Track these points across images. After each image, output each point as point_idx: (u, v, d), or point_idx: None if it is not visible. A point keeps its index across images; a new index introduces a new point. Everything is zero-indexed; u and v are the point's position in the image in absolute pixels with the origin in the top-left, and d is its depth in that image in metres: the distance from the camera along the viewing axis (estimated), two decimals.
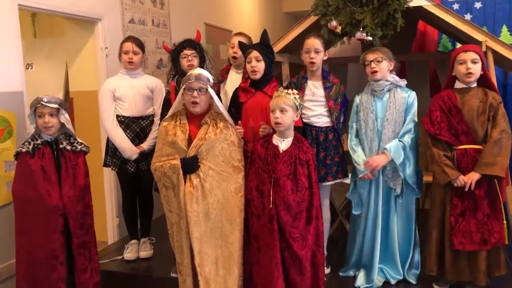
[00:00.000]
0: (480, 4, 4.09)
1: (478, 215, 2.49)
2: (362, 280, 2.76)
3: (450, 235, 2.52)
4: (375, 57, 2.64)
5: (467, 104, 2.51)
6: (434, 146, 2.55)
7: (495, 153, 2.43)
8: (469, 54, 2.47)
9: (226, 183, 2.43)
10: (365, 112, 2.70)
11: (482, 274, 2.49)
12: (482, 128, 2.49)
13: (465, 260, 2.53)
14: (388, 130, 2.66)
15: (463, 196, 2.50)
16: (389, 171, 2.69)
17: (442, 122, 2.55)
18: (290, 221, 2.41)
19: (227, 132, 2.46)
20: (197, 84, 2.40)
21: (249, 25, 6.62)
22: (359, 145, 2.75)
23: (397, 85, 2.71)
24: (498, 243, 2.49)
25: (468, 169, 2.48)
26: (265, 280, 2.42)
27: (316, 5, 3.12)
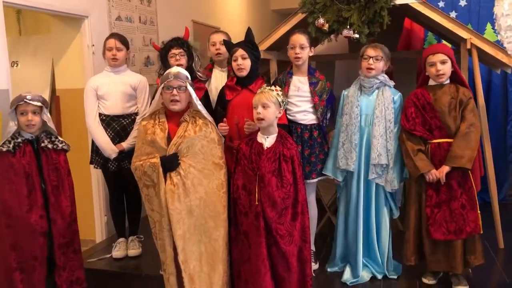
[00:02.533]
0: (464, 2, 4.13)
1: (453, 205, 2.57)
2: (348, 275, 2.81)
3: (427, 226, 2.60)
4: (375, 55, 2.70)
5: (440, 100, 2.61)
6: (409, 141, 2.64)
7: (464, 146, 2.53)
8: (438, 56, 2.57)
9: (208, 180, 2.45)
10: (350, 105, 2.75)
11: (458, 262, 2.58)
12: (454, 123, 2.59)
13: (442, 249, 2.62)
14: (379, 126, 2.71)
15: (437, 187, 2.59)
16: (379, 169, 2.73)
17: (417, 118, 2.64)
18: (276, 217, 2.43)
19: (207, 129, 2.47)
20: (176, 82, 2.41)
21: (237, 23, 6.62)
22: (336, 149, 2.80)
23: (385, 84, 2.75)
24: (473, 232, 2.57)
25: (441, 161, 2.58)
26: (254, 277, 2.44)
27: (304, 3, 3.13)
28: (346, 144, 2.76)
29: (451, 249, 2.59)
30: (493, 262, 2.93)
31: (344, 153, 2.76)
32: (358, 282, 2.77)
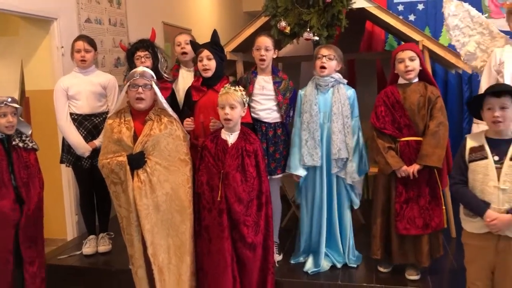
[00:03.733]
0: (422, 5, 4.35)
1: (421, 201, 2.69)
2: (310, 265, 2.94)
3: (395, 221, 2.72)
4: (328, 54, 2.81)
5: (409, 99, 2.70)
6: (379, 139, 2.74)
7: (433, 144, 2.63)
8: (407, 52, 2.67)
9: (174, 176, 2.55)
10: (308, 104, 2.86)
11: (425, 256, 2.71)
12: (423, 121, 2.69)
13: (410, 244, 2.74)
14: (337, 123, 2.83)
15: (407, 184, 2.70)
16: (341, 163, 2.88)
17: (386, 116, 2.73)
18: (244, 210, 2.56)
19: (172, 127, 2.57)
20: (141, 80, 2.50)
21: (209, 24, 6.72)
22: (298, 147, 2.90)
23: (340, 82, 2.90)
24: (438, 227, 2.71)
25: (411, 159, 2.68)
26: (215, 270, 2.57)
27: (266, 7, 3.26)
28: (309, 141, 2.86)
29: (418, 243, 2.71)
30: (445, 250, 3.11)
31: (308, 150, 2.86)
32: (319, 271, 2.91)
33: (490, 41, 2.94)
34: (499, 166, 2.16)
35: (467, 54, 3.01)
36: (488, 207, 2.17)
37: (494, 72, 2.77)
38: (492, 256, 2.23)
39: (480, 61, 2.98)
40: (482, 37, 2.96)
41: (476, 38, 2.97)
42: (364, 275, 2.86)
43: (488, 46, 2.94)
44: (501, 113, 2.15)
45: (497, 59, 2.76)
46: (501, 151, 2.18)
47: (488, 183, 2.17)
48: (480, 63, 2.98)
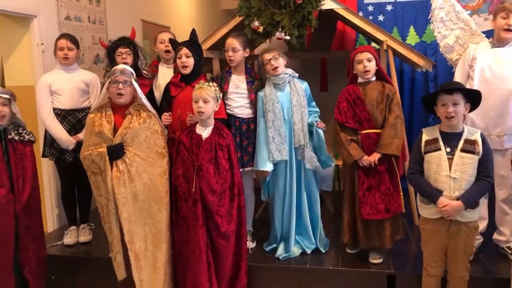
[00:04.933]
0: (391, 6, 4.55)
1: (381, 188, 2.90)
2: (281, 251, 3.12)
3: (360, 208, 2.92)
4: (272, 55, 2.99)
5: (368, 95, 2.91)
6: (342, 132, 2.94)
7: (392, 135, 2.85)
8: (364, 54, 2.88)
9: (152, 167, 2.70)
10: (271, 103, 3.02)
11: (388, 238, 2.92)
12: (381, 115, 2.90)
13: (374, 228, 2.94)
14: (297, 114, 3.02)
15: (368, 173, 2.90)
16: (302, 150, 3.05)
17: (348, 111, 2.94)
18: (217, 201, 2.72)
19: (150, 121, 2.73)
20: (122, 77, 2.66)
21: (187, 22, 6.83)
22: (265, 145, 3.05)
23: (293, 76, 3.08)
24: (397, 210, 2.93)
25: (371, 149, 2.89)
26: (191, 257, 2.72)
27: (241, 7, 3.41)
28: (276, 138, 3.02)
29: (381, 227, 2.92)
30: (408, 237, 3.34)
31: (276, 146, 3.01)
32: (289, 256, 3.09)
33: (468, 37, 3.12)
34: (451, 157, 2.38)
35: (446, 46, 3.19)
36: (440, 195, 2.38)
37: (467, 66, 2.96)
38: (445, 239, 2.46)
39: (456, 54, 3.16)
40: (462, 32, 3.13)
41: (457, 33, 3.14)
42: (331, 259, 3.06)
43: (466, 41, 3.11)
44: (453, 109, 2.36)
45: (470, 55, 2.95)
46: (452, 144, 2.40)
47: (441, 173, 2.39)
48: (455, 56, 3.16)
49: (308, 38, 4.39)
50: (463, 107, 2.38)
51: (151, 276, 2.69)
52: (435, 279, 2.56)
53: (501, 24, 2.83)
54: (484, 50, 2.91)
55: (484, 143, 2.39)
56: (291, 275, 3.01)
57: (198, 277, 2.69)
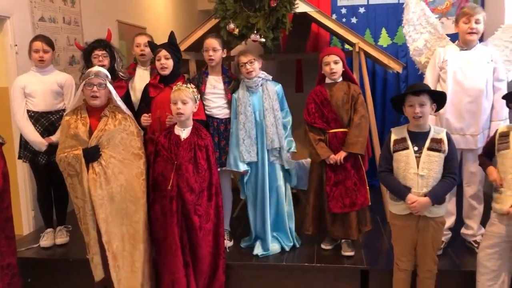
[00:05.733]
0: (363, 9, 4.67)
1: (348, 183, 3.03)
2: (259, 249, 3.18)
3: (327, 202, 3.04)
4: (248, 59, 3.06)
5: (335, 96, 3.03)
6: (311, 132, 3.06)
7: (357, 134, 2.98)
8: (331, 56, 2.99)
9: (128, 169, 2.73)
10: (243, 106, 3.09)
11: (353, 230, 3.05)
12: (347, 115, 3.03)
13: (340, 220, 3.07)
14: (270, 117, 3.09)
15: (335, 170, 3.03)
16: (275, 152, 3.13)
17: (316, 112, 3.06)
18: (195, 200, 2.77)
19: (126, 123, 2.76)
20: (96, 80, 2.68)
21: (163, 22, 6.83)
22: (236, 146, 3.11)
23: (267, 79, 3.16)
24: (363, 204, 3.06)
25: (338, 148, 3.02)
26: (168, 253, 2.76)
27: (216, 9, 3.46)
28: (246, 139, 3.09)
29: (348, 219, 3.05)
30: (381, 232, 3.45)
31: (246, 148, 3.08)
32: (268, 254, 3.16)
33: (435, 40, 3.24)
34: (418, 156, 2.49)
35: (415, 49, 3.31)
36: (409, 191, 2.49)
37: (437, 69, 3.08)
38: (414, 234, 2.56)
39: (424, 57, 3.28)
40: (430, 36, 3.25)
41: (425, 36, 3.26)
42: (307, 256, 3.14)
43: (433, 44, 3.24)
44: (420, 110, 2.47)
45: (441, 57, 3.06)
46: (420, 143, 2.51)
47: (409, 170, 2.49)
48: (424, 59, 3.28)
49: (283, 40, 4.48)
50: (429, 108, 2.49)
51: (129, 275, 2.72)
52: (406, 273, 2.66)
53: (464, 28, 2.97)
54: (454, 53, 3.03)
55: (449, 142, 2.50)
56: (268, 272, 3.07)
57: (175, 273, 2.73)
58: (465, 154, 3.08)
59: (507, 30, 3.09)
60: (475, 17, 2.92)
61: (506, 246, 2.49)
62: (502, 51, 3.09)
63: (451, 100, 2.88)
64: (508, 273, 2.54)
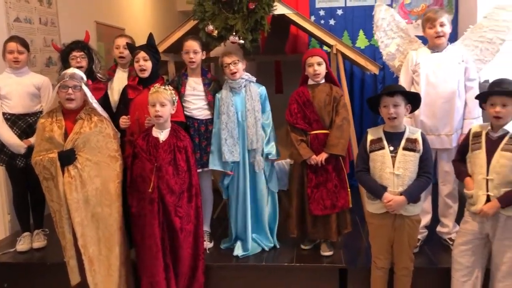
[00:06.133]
0: (341, 11, 4.72)
1: (329, 185, 3.05)
2: (239, 250, 3.20)
3: (308, 204, 3.06)
4: (232, 60, 3.08)
5: (317, 97, 3.05)
6: (292, 132, 3.07)
7: (338, 136, 3.00)
8: (315, 58, 3.02)
9: (105, 171, 2.72)
10: (226, 106, 3.11)
11: (333, 232, 3.08)
12: (328, 117, 3.05)
13: (321, 222, 3.09)
14: (251, 118, 3.11)
15: (316, 171, 3.05)
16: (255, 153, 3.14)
17: (299, 113, 3.07)
18: (175, 201, 2.77)
19: (102, 125, 2.73)
20: (71, 82, 2.65)
21: (142, 23, 6.78)
22: (219, 146, 3.12)
23: (250, 81, 3.18)
24: (344, 206, 3.08)
25: (319, 149, 3.03)
26: (148, 255, 2.76)
27: (195, 11, 3.46)
28: (228, 139, 3.11)
29: (328, 221, 3.08)
30: (359, 232, 3.49)
31: (228, 148, 3.10)
32: (248, 254, 3.18)
33: (407, 44, 3.31)
34: (394, 155, 2.54)
35: (388, 54, 3.38)
36: (385, 190, 2.53)
37: (410, 72, 3.14)
38: (390, 233, 2.61)
39: (397, 61, 3.35)
40: (402, 40, 3.32)
41: (397, 41, 3.33)
42: (287, 256, 3.17)
43: (406, 48, 3.31)
44: (395, 110, 2.52)
45: (413, 60, 3.13)
46: (395, 143, 2.56)
47: (385, 170, 2.54)
48: (397, 62, 3.35)
49: (262, 41, 4.50)
50: (403, 109, 2.54)
51: (106, 279, 2.71)
52: (383, 271, 2.71)
53: (430, 33, 3.05)
54: (426, 56, 3.10)
55: (424, 142, 2.56)
56: (248, 272, 3.09)
57: (155, 275, 2.72)
58: (440, 153, 3.15)
59: (476, 30, 3.17)
60: (439, 21, 2.99)
61: (479, 243, 2.56)
62: (472, 51, 3.17)
63: (424, 102, 2.94)
64: (482, 269, 2.60)
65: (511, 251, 2.46)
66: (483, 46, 3.16)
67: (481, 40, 3.16)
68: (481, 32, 3.15)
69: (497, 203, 2.39)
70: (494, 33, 3.12)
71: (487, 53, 3.16)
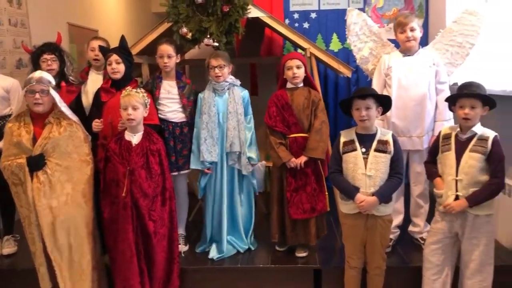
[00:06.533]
0: (315, 14, 4.78)
1: (308, 189, 3.06)
2: (214, 252, 3.20)
3: (288, 208, 3.07)
4: (218, 64, 3.09)
5: (295, 100, 3.07)
6: (271, 135, 3.08)
7: (318, 139, 3.02)
8: (294, 61, 3.04)
9: (76, 176, 2.67)
10: (207, 106, 3.12)
11: (313, 236, 3.10)
12: (307, 120, 3.07)
13: (300, 226, 3.11)
14: (232, 120, 3.12)
15: (295, 175, 3.06)
16: (235, 156, 3.16)
17: (277, 116, 3.08)
18: (149, 205, 2.75)
19: (72, 129, 2.68)
20: (38, 86, 2.59)
21: (116, 25, 6.71)
22: (204, 143, 3.13)
23: (234, 84, 3.19)
24: (322, 210, 3.10)
25: (298, 152, 3.04)
26: (122, 260, 2.73)
27: (169, 13, 3.45)
28: (208, 139, 3.12)
29: (307, 225, 3.09)
30: (333, 232, 3.53)
31: (207, 148, 3.11)
32: (223, 257, 3.18)
33: (380, 48, 3.37)
34: (366, 157, 2.58)
35: (362, 58, 3.43)
36: (358, 191, 2.58)
37: (383, 75, 3.21)
38: (363, 233, 2.66)
39: (371, 65, 3.41)
40: (375, 44, 3.38)
41: (370, 45, 3.38)
42: (262, 257, 3.19)
43: (379, 52, 3.37)
44: (366, 113, 2.57)
45: (386, 64, 3.20)
46: (367, 144, 2.60)
47: (358, 171, 2.58)
48: (371, 66, 3.41)
49: (237, 44, 4.51)
50: (375, 111, 2.59)
51: (78, 284, 2.67)
52: (356, 270, 2.75)
53: (401, 38, 3.13)
54: (398, 60, 3.17)
55: (395, 143, 2.61)
56: (223, 275, 3.09)
57: (129, 279, 2.70)
58: (412, 155, 3.22)
59: (446, 34, 3.26)
60: (409, 26, 3.07)
61: (449, 242, 2.63)
62: (444, 54, 3.25)
63: (396, 104, 3.01)
64: (451, 267, 2.68)
65: (479, 249, 2.53)
66: (454, 50, 3.24)
67: (451, 44, 3.24)
68: (451, 36, 3.24)
69: (465, 202, 2.46)
70: (463, 37, 3.20)
71: (457, 57, 3.24)
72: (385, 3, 4.69)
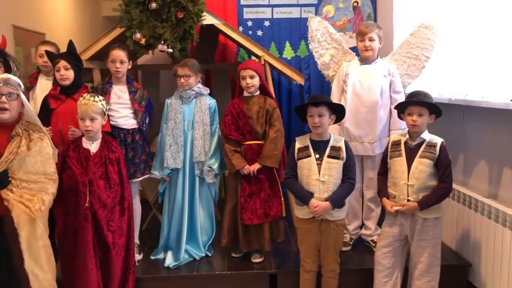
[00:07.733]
0: (268, 22, 4.84)
1: (262, 195, 3.10)
2: (170, 260, 3.16)
3: (241, 213, 3.09)
4: (184, 73, 3.09)
5: (250, 109, 3.10)
6: (226, 143, 3.10)
7: (272, 148, 3.06)
8: (247, 71, 3.06)
9: (41, 194, 2.36)
10: (173, 112, 3.13)
11: (267, 241, 3.13)
12: (261, 128, 3.11)
13: (253, 232, 3.14)
14: (199, 130, 3.14)
15: (250, 181, 3.09)
16: (201, 165, 3.18)
17: (232, 124, 3.11)
18: (108, 216, 2.69)
19: (42, 144, 2.36)
20: (5, 89, 2.27)
21: (65, 28, 6.49)
22: (163, 151, 3.13)
23: (202, 93, 3.19)
24: (276, 215, 3.15)
25: (253, 159, 3.08)
26: (81, 272, 2.64)
27: (121, 18, 3.40)
28: (173, 146, 3.12)
29: (261, 231, 3.13)
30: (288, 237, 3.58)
31: (171, 154, 3.12)
32: (179, 264, 3.15)
33: (341, 55, 3.47)
34: (320, 163, 2.65)
35: (323, 64, 3.51)
36: (312, 196, 2.64)
37: (341, 82, 3.31)
38: (317, 237, 2.72)
39: (332, 71, 3.50)
40: (336, 51, 3.47)
41: (331, 52, 3.47)
42: (218, 264, 3.19)
43: (340, 59, 3.47)
44: (319, 120, 2.64)
45: (344, 71, 3.30)
46: (321, 151, 2.67)
47: (312, 177, 2.65)
48: (332, 72, 3.50)
49: (191, 50, 4.50)
50: (328, 118, 2.67)
51: None
52: (311, 274, 2.81)
53: (360, 46, 3.25)
54: (354, 67, 3.29)
55: (347, 149, 2.70)
56: (179, 282, 3.06)
57: None
58: (365, 160, 3.34)
59: (404, 46, 3.40)
60: (368, 36, 3.19)
61: (399, 245, 2.74)
62: (401, 65, 3.39)
63: (350, 110, 3.12)
64: (401, 269, 2.80)
65: (427, 251, 2.66)
66: (410, 61, 3.37)
67: (408, 56, 3.38)
68: (409, 49, 3.38)
69: (415, 204, 2.58)
70: (420, 50, 3.34)
71: (414, 69, 3.39)
72: (335, 13, 4.83)
